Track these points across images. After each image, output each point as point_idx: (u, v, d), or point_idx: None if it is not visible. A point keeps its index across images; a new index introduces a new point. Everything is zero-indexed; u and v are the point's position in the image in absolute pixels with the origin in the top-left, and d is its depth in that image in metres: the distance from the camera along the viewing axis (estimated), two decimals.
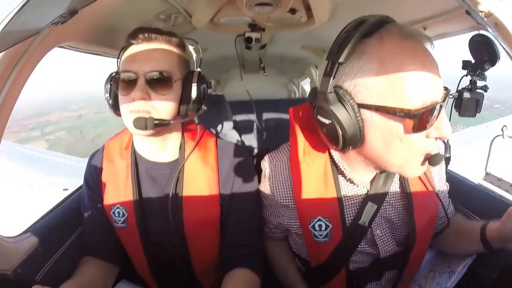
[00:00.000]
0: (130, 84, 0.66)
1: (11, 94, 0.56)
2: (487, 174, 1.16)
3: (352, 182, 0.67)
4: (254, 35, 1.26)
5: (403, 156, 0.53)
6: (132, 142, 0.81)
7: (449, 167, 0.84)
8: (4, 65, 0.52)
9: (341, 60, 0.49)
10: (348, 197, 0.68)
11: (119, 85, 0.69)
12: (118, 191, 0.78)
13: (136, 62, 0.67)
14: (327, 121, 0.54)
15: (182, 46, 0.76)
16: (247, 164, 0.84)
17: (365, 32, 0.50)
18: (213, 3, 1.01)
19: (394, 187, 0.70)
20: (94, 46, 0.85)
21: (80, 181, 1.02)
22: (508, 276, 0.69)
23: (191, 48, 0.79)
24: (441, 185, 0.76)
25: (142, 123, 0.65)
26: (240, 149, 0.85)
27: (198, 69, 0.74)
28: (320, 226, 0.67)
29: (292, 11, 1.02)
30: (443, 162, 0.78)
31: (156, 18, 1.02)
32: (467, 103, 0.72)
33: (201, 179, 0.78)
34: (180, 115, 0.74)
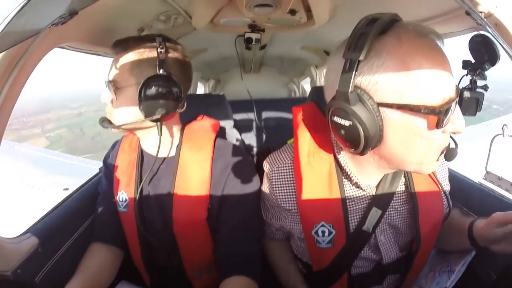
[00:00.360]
0: None
1: (11, 94, 0.56)
2: (487, 173, 1.16)
3: (358, 186, 0.65)
4: (254, 36, 1.26)
5: (422, 153, 0.52)
6: None
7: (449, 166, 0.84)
8: (4, 65, 0.52)
9: (361, 57, 0.48)
10: (353, 202, 0.66)
11: None
12: (124, 178, 0.85)
13: None
14: (347, 123, 0.51)
15: (149, 48, 0.72)
16: (244, 169, 0.80)
17: (381, 30, 0.49)
18: (213, 4, 1.01)
19: (399, 189, 0.68)
20: (94, 46, 0.85)
21: (80, 181, 1.03)
22: (508, 276, 0.69)
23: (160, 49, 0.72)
24: (444, 181, 0.75)
25: (100, 122, 0.76)
26: (239, 151, 0.82)
27: (161, 71, 0.69)
28: (323, 232, 0.66)
29: (292, 12, 1.01)
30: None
31: (156, 19, 1.02)
32: (468, 102, 0.71)
33: (192, 179, 0.77)
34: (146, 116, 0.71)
